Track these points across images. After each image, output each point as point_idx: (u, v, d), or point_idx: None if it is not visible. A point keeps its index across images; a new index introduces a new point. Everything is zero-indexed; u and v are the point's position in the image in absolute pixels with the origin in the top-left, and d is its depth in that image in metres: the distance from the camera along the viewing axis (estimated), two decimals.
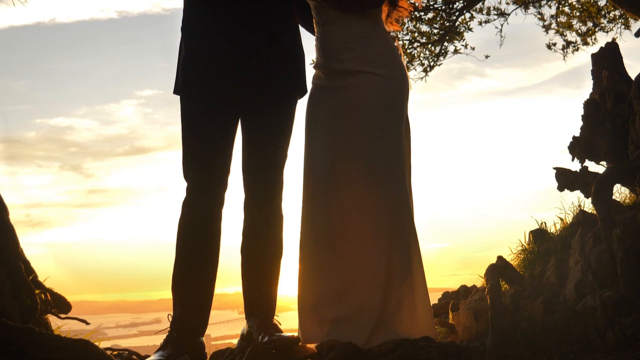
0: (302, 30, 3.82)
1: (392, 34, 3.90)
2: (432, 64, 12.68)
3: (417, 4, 4.14)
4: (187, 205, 3.48)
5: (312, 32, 3.83)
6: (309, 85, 3.77)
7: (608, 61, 5.49)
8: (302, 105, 3.77)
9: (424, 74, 12.75)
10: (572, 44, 14.37)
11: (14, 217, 3.97)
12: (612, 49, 5.79)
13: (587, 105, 5.38)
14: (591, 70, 5.16)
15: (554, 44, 14.56)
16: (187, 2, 3.58)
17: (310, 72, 3.79)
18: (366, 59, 3.60)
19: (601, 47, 6.08)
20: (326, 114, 3.67)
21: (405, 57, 12.92)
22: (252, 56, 3.44)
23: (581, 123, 5.40)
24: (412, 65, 12.75)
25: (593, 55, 6.00)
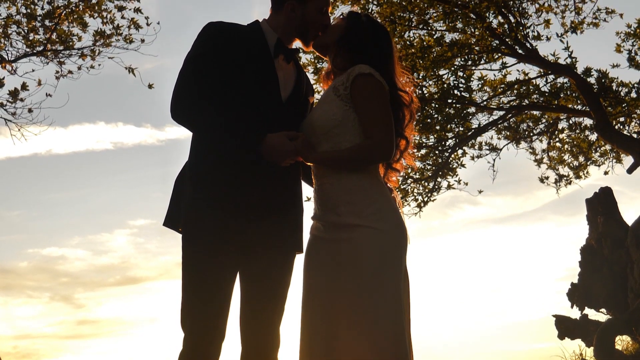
0: None
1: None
2: (425, 199, 12.72)
3: (412, 167, 4.14)
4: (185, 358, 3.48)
5: (310, 184, 3.84)
6: (307, 237, 3.79)
7: (603, 207, 5.45)
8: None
9: (417, 209, 12.77)
10: (565, 178, 14.51)
11: (2, 349, 3.78)
12: (606, 194, 5.77)
13: (584, 251, 5.28)
14: (586, 215, 5.12)
15: (547, 178, 14.71)
16: (199, 147, 3.63)
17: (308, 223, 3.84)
18: (364, 213, 3.56)
19: (595, 193, 6.07)
20: (323, 266, 3.60)
21: (399, 193, 13.00)
22: (261, 215, 3.54)
23: (579, 269, 5.26)
24: (406, 200, 12.78)
25: (587, 201, 5.97)
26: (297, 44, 3.95)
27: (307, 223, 3.84)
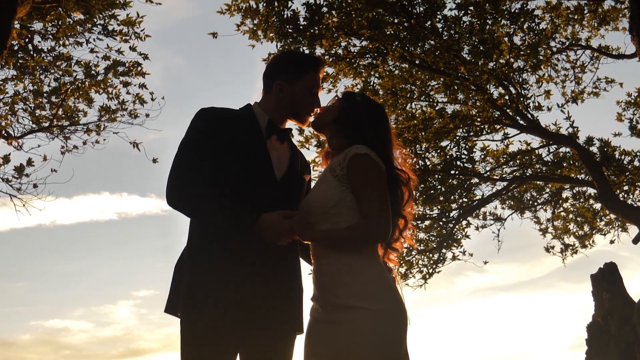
0: None
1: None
2: (430, 271, 12.64)
3: (411, 247, 4.13)
4: None
5: (309, 263, 3.81)
6: (307, 318, 3.75)
7: (608, 283, 5.38)
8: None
9: (423, 281, 12.67)
10: (571, 247, 14.43)
11: None
12: (610, 270, 5.71)
13: (591, 328, 5.21)
14: (591, 292, 5.05)
15: (552, 247, 14.62)
16: (195, 233, 3.63)
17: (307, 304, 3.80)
18: (362, 294, 3.51)
19: (600, 269, 6.03)
20: (323, 350, 3.54)
21: (403, 265, 12.94)
22: (261, 304, 3.51)
23: (585, 347, 5.17)
24: (411, 272, 12.69)
25: (592, 277, 5.92)
26: (292, 124, 3.98)
27: (307, 303, 3.82)
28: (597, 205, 13.99)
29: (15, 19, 6.86)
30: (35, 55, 10.80)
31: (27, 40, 10.68)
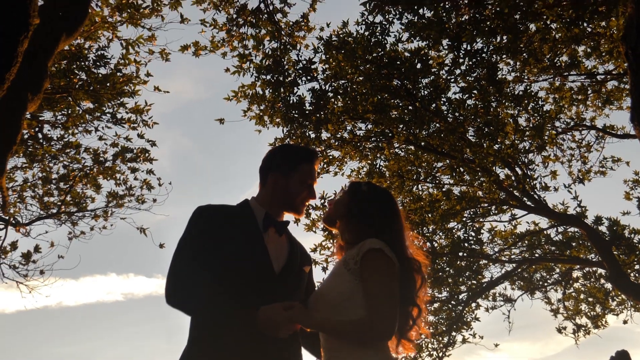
0: None
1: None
2: (440, 354, 12.43)
3: (422, 339, 4.06)
4: None
5: (317, 356, 3.79)
6: None
7: None
8: None
9: None
10: (583, 328, 14.20)
11: None
12: (622, 357, 5.59)
13: None
14: None
15: (564, 328, 14.40)
16: (194, 334, 3.59)
17: None
18: None
19: (611, 357, 5.91)
20: None
21: (413, 348, 12.67)
22: None
23: None
24: (421, 357, 12.50)
25: None
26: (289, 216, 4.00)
27: None
28: (609, 285, 13.81)
29: (25, 114, 6.98)
30: (44, 143, 10.96)
31: (37, 129, 10.86)
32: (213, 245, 3.61)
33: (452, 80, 11.60)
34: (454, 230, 12.37)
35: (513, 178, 12.23)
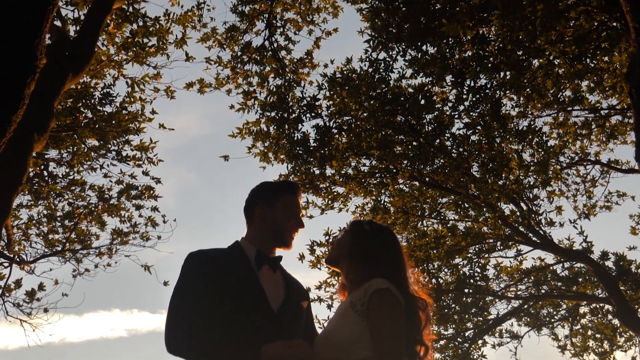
0: None
1: None
2: None
3: None
4: None
5: None
6: None
7: None
8: None
9: None
10: None
11: None
12: None
13: None
14: None
15: None
16: None
17: None
18: None
19: None
20: None
21: None
22: None
23: None
24: None
25: None
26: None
27: None
28: (616, 321, 13.69)
29: (31, 155, 7.00)
30: (50, 181, 10.99)
31: (42, 167, 10.90)
32: (208, 291, 3.59)
33: (456, 116, 11.64)
34: (459, 267, 12.31)
35: (518, 213, 12.19)
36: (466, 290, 11.96)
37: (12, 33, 4.28)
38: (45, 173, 11.04)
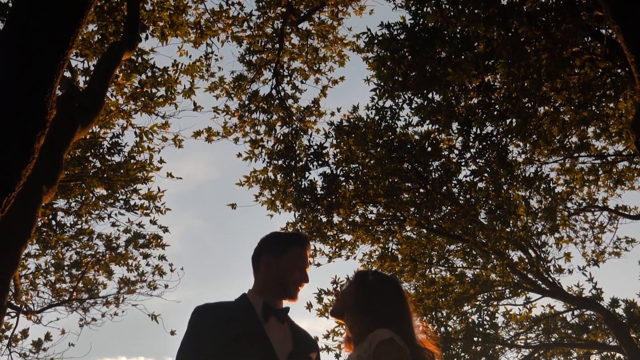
0: None
1: None
2: None
3: None
4: None
5: None
6: None
7: None
8: None
9: None
10: None
11: None
12: None
13: None
14: None
15: None
16: None
17: None
18: None
19: None
20: None
21: None
22: None
23: None
24: None
25: None
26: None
27: None
28: None
29: (40, 207, 7.03)
30: (58, 230, 11.02)
31: (50, 217, 10.94)
32: (215, 346, 3.56)
33: (463, 163, 11.66)
34: (468, 315, 12.21)
35: (526, 261, 12.12)
36: (475, 339, 11.84)
37: (23, 88, 4.35)
38: (54, 222, 11.08)
